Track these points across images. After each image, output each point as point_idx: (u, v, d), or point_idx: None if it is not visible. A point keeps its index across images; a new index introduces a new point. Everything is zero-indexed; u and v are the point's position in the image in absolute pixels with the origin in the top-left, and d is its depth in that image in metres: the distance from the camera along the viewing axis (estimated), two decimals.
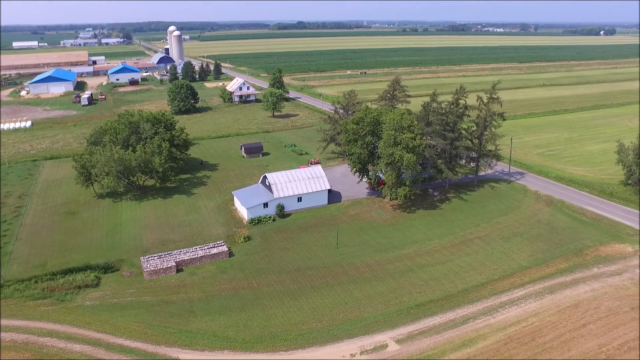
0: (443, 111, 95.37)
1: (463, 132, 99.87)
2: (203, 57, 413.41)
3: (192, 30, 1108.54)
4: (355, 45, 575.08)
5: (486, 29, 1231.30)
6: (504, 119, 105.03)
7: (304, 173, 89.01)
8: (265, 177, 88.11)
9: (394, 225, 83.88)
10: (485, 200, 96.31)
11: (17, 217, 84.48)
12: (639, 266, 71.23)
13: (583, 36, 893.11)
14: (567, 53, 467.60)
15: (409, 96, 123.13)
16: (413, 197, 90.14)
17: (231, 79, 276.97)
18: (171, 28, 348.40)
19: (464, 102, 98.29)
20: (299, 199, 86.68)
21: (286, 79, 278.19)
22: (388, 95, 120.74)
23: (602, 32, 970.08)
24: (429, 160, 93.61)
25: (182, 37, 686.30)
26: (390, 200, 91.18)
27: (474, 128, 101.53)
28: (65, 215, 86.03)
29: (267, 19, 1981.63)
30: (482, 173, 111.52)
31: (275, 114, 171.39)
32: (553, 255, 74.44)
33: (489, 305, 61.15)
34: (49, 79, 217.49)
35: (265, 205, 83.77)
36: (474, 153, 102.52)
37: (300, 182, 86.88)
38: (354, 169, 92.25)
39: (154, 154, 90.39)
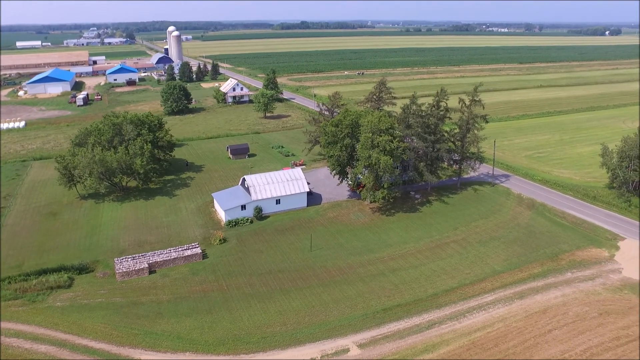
0: (423, 113, 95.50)
1: (445, 134, 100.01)
2: (203, 57, 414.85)
3: (196, 30, 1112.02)
4: (357, 45, 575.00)
5: (490, 29, 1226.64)
6: (487, 121, 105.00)
7: (283, 175, 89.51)
8: (244, 179, 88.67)
9: (371, 228, 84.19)
10: (466, 203, 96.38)
11: None
12: (618, 270, 71.32)
13: (588, 36, 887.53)
14: (569, 54, 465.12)
15: (395, 98, 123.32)
16: (392, 200, 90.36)
17: (228, 79, 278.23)
18: (170, 28, 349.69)
19: (445, 105, 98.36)
20: (278, 201, 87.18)
21: (283, 80, 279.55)
22: (374, 97, 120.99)
23: (607, 32, 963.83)
24: (409, 162, 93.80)
25: (185, 37, 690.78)
26: (370, 202, 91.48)
27: (457, 130, 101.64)
28: (47, 216, 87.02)
29: (271, 18, 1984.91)
30: (466, 175, 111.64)
31: (267, 114, 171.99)
32: (528, 259, 74.49)
33: (456, 310, 61.32)
34: (47, 79, 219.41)
35: (243, 207, 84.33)
36: (456, 155, 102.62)
37: (278, 185, 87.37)
38: (334, 171, 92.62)
39: (135, 156, 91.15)
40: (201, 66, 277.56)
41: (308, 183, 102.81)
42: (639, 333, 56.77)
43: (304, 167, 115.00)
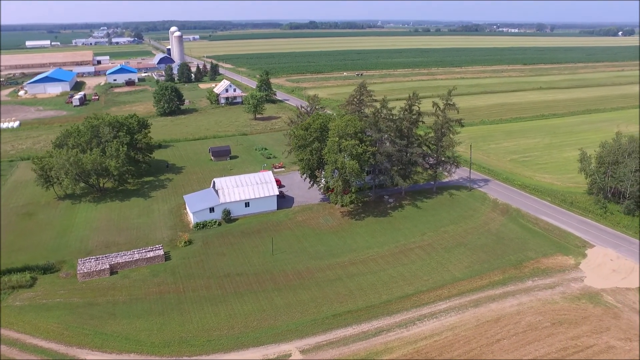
0: (395, 117, 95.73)
1: (419, 138, 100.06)
2: (206, 57, 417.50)
3: (205, 29, 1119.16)
4: (361, 46, 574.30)
5: (500, 29, 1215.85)
6: (462, 125, 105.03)
7: (253, 178, 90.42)
8: (214, 182, 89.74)
9: (337, 233, 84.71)
10: (439, 208, 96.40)
11: None
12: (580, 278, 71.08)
13: (600, 37, 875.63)
14: (576, 55, 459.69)
15: (375, 100, 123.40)
16: (361, 204, 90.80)
17: (228, 79, 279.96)
18: (173, 29, 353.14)
19: (418, 109, 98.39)
20: (247, 204, 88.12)
21: (280, 81, 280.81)
22: (355, 100, 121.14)
23: (620, 33, 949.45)
24: (378, 167, 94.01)
25: (192, 37, 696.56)
26: (341, 206, 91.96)
27: (432, 134, 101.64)
28: (22, 216, 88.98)
29: (281, 18, 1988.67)
30: (444, 180, 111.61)
31: (258, 116, 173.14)
32: (491, 266, 74.42)
33: (407, 318, 61.52)
34: (46, 79, 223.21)
35: (212, 209, 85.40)
36: (431, 159, 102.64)
37: (248, 187, 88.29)
38: (304, 175, 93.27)
39: (111, 157, 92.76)
40: (200, 67, 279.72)
41: (282, 186, 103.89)
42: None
43: (283, 169, 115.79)
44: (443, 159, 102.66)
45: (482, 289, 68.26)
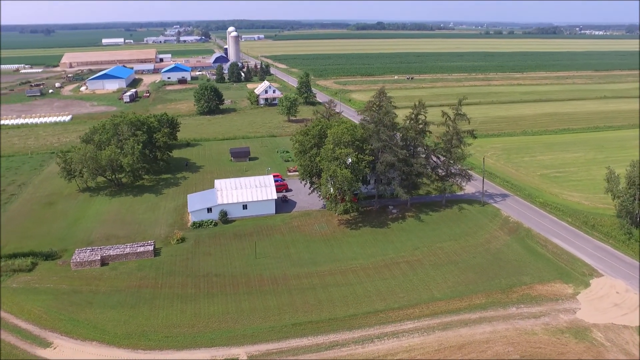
0: (399, 126, 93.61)
1: (427, 149, 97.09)
2: (263, 57, 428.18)
3: (273, 29, 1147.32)
4: (424, 48, 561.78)
5: (583, 31, 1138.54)
6: (475, 137, 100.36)
7: (253, 181, 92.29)
8: (215, 183, 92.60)
9: (327, 241, 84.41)
10: (443, 222, 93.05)
11: (6, 204, 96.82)
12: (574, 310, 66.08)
13: None
14: None
15: (395, 107, 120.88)
16: (357, 213, 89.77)
17: (278, 80, 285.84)
18: (230, 29, 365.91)
19: (424, 118, 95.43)
20: (245, 207, 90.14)
21: (328, 82, 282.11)
22: (374, 106, 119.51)
23: None
24: (379, 176, 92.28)
25: (257, 36, 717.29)
26: (338, 214, 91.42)
27: (442, 145, 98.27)
28: (44, 205, 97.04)
29: (350, 18, 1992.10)
30: (459, 192, 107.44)
31: (291, 118, 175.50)
32: (476, 289, 70.90)
33: (366, 335, 60.31)
34: (105, 76, 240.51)
35: (209, 210, 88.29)
36: (441, 171, 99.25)
37: (246, 190, 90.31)
38: (304, 181, 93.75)
39: (126, 155, 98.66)
40: (250, 66, 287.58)
41: (289, 190, 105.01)
42: None
43: (296, 173, 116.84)
44: (453, 171, 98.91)
45: (458, 312, 65.25)
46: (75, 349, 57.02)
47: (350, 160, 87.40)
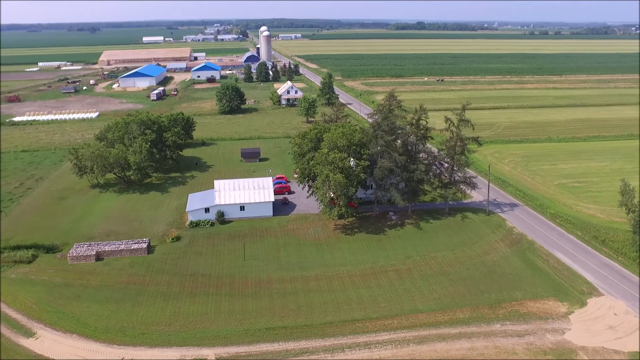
0: (400, 131, 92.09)
1: (429, 156, 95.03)
2: (291, 56, 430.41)
3: (312, 28, 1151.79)
4: (461, 49, 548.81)
5: (638, 31, 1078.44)
6: (480, 144, 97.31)
7: (251, 183, 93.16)
8: (214, 183, 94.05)
9: (319, 245, 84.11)
10: (442, 230, 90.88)
11: (21, 197, 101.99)
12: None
13: None
14: None
15: (405, 111, 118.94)
16: (353, 218, 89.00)
17: (305, 80, 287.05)
18: (262, 28, 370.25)
19: (425, 123, 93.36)
20: (242, 208, 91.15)
21: (355, 83, 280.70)
22: (384, 109, 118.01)
23: None
24: (377, 182, 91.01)
25: (294, 35, 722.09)
26: (333, 219, 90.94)
27: (444, 152, 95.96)
28: (55, 200, 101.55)
29: (391, 17, 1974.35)
30: (467, 200, 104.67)
31: (310, 119, 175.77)
32: (463, 302, 68.79)
33: (338, 343, 59.70)
34: (136, 74, 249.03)
35: (207, 210, 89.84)
36: (444, 178, 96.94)
37: (244, 192, 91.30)
38: (301, 184, 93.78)
39: (134, 153, 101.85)
40: (278, 66, 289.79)
41: (292, 192, 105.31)
42: None
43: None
44: (457, 178, 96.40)
45: (437, 326, 63.54)
46: (56, 340, 59.46)
47: (353, 164, 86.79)
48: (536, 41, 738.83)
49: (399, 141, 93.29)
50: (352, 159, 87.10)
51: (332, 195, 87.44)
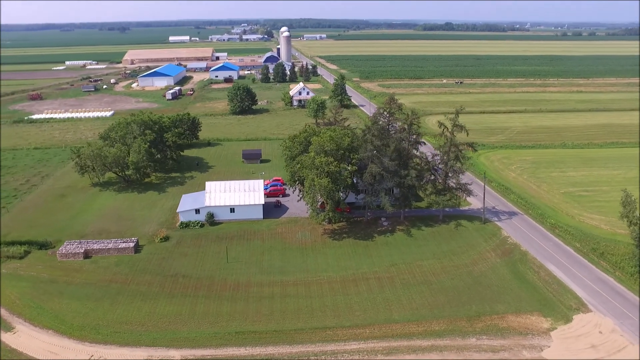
0: (391, 137, 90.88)
1: (422, 161, 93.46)
2: (311, 56, 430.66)
3: (339, 28, 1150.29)
4: (487, 51, 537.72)
5: None
6: (475, 150, 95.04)
7: (242, 185, 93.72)
8: (206, 185, 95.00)
9: (304, 250, 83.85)
10: (433, 238, 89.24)
11: (25, 194, 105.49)
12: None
13: None
14: None
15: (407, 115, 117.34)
16: (344, 223, 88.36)
17: (322, 81, 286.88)
18: (283, 29, 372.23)
19: (417, 128, 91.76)
20: (232, 210, 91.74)
21: (372, 85, 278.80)
22: (385, 112, 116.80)
23: None
24: (366, 187, 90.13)
25: (319, 36, 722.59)
26: (320, 223, 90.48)
27: (438, 157, 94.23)
28: (57, 197, 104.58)
29: (418, 18, 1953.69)
30: (464, 207, 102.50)
31: (319, 120, 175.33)
32: (441, 314, 67.26)
33: (306, 351, 59.31)
34: (154, 74, 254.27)
35: (197, 211, 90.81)
36: (438, 184, 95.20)
37: (235, 194, 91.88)
38: (291, 187, 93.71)
39: (133, 153, 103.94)
40: (297, 67, 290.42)
41: (286, 195, 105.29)
42: None
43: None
44: (451, 184, 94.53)
45: (410, 337, 62.33)
46: (32, 335, 61.24)
47: (349, 168, 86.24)
48: (568, 42, 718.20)
49: (392, 146, 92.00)
50: (348, 166, 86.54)
51: (322, 199, 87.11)
